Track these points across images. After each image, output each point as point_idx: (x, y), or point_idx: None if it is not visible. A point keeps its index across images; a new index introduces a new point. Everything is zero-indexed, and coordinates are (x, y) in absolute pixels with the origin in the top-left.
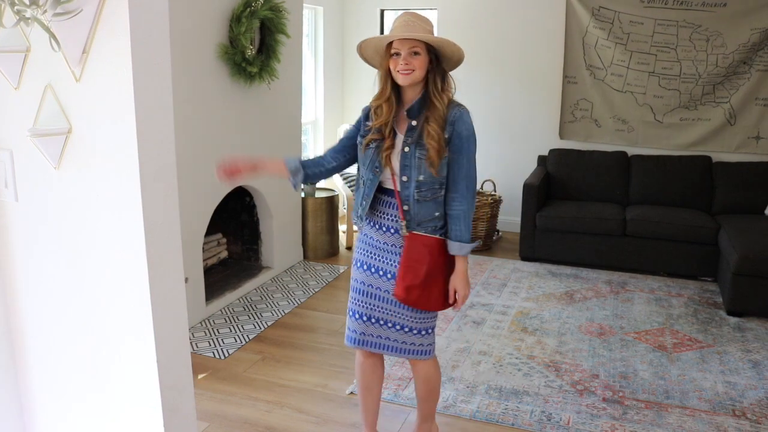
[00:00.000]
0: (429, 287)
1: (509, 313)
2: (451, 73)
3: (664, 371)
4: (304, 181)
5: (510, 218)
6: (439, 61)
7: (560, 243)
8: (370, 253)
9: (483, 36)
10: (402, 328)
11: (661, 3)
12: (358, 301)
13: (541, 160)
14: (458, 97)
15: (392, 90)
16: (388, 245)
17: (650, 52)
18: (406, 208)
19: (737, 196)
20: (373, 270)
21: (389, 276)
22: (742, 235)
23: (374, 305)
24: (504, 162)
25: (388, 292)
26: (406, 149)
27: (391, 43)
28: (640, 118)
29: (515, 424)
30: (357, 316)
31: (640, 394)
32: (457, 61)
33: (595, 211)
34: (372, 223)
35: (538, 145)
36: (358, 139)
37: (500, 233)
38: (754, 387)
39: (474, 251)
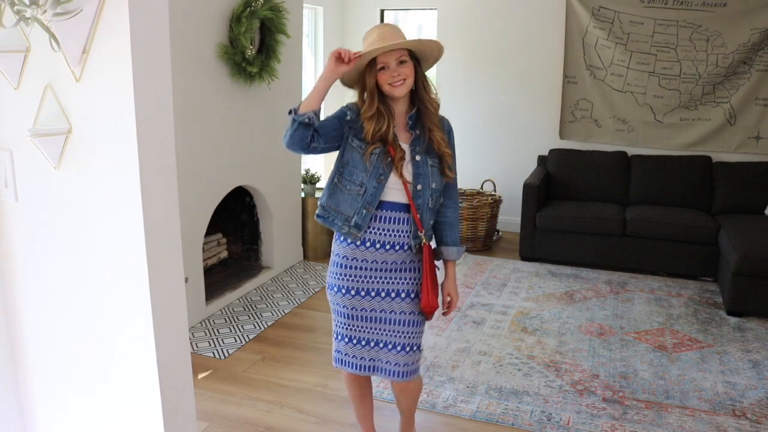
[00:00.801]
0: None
1: (509, 313)
2: (449, 72)
3: (664, 371)
4: (305, 130)
5: (510, 218)
6: (420, 64)
7: (560, 243)
8: (367, 278)
9: (483, 36)
10: (410, 348)
11: (661, 3)
12: (359, 327)
13: (541, 160)
14: (458, 97)
15: (381, 103)
16: (398, 263)
17: (650, 52)
18: (419, 217)
19: (737, 196)
20: (373, 294)
21: (394, 294)
22: (742, 235)
23: (383, 329)
24: (504, 162)
25: (396, 313)
26: (418, 158)
27: (374, 59)
28: (640, 118)
29: (515, 424)
30: (363, 342)
31: (640, 394)
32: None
33: (595, 211)
34: (370, 244)
35: (538, 145)
36: (355, 141)
37: (500, 233)
38: (754, 387)
39: (474, 251)
